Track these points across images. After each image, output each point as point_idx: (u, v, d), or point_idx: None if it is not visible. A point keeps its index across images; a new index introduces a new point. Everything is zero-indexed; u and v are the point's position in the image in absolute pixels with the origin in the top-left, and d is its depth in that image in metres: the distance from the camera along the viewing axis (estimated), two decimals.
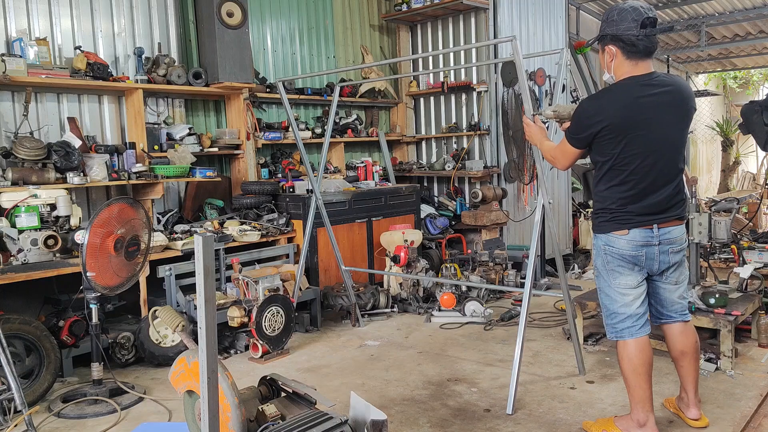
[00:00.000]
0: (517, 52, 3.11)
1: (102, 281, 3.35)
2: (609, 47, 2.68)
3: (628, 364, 2.79)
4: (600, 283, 2.89)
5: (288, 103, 4.48)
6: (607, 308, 2.87)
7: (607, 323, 2.88)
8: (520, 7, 6.50)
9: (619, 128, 2.62)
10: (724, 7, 9.27)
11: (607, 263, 2.80)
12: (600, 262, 2.84)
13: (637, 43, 2.59)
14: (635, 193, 2.68)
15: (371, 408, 2.46)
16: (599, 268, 2.86)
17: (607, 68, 2.73)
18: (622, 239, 2.73)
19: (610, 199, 2.74)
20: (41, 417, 3.30)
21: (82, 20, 4.65)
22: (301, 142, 4.62)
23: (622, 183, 2.69)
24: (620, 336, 2.82)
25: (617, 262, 2.77)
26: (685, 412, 3.01)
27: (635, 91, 2.62)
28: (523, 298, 3.46)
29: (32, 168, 4.03)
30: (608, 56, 2.69)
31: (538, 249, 3.50)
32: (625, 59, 2.65)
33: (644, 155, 2.64)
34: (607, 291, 2.85)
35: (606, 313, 2.88)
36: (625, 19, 2.59)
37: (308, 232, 4.60)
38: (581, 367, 3.68)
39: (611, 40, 2.65)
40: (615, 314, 2.83)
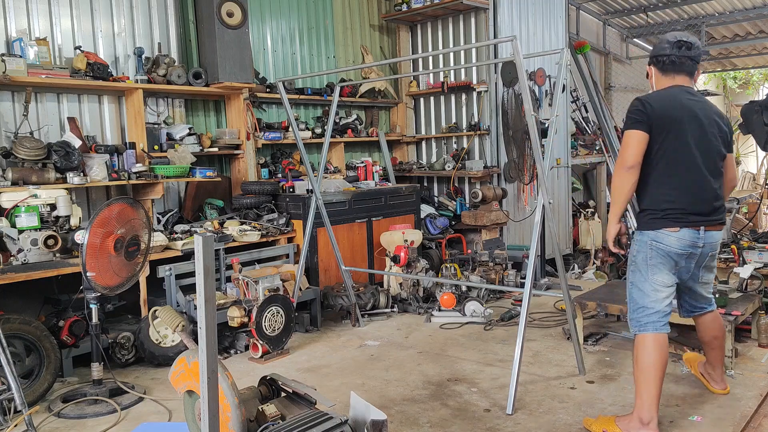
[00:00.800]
0: (518, 52, 3.11)
1: (102, 281, 3.35)
2: (648, 67, 3.08)
3: (646, 358, 2.85)
4: (635, 277, 2.98)
5: (288, 103, 4.48)
6: (636, 302, 2.96)
7: (632, 317, 2.98)
8: (520, 7, 6.50)
9: (665, 119, 2.83)
10: (724, 7, 9.27)
11: (649, 258, 2.90)
12: (641, 257, 2.93)
13: (671, 60, 2.94)
14: (680, 190, 2.85)
15: (371, 408, 2.46)
16: (638, 262, 2.95)
17: (651, 88, 3.08)
18: (672, 236, 2.86)
19: (662, 197, 2.87)
20: (41, 417, 3.30)
21: (82, 20, 4.65)
22: (301, 142, 4.62)
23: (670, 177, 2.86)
24: (644, 329, 2.91)
25: (660, 258, 2.89)
26: (714, 385, 3.35)
27: (676, 93, 2.91)
28: (523, 298, 3.46)
29: (32, 168, 4.03)
30: (649, 75, 3.07)
31: (538, 249, 3.50)
32: (662, 75, 2.99)
33: (688, 150, 2.85)
34: (641, 285, 2.95)
35: (633, 307, 2.98)
36: (662, 42, 2.98)
37: (308, 232, 4.60)
38: (581, 367, 3.68)
39: (650, 62, 3.06)
40: (644, 308, 2.92)
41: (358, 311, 4.84)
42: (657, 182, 2.88)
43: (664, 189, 2.86)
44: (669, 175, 2.85)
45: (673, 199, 2.85)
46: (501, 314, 4.95)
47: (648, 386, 2.82)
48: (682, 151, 2.84)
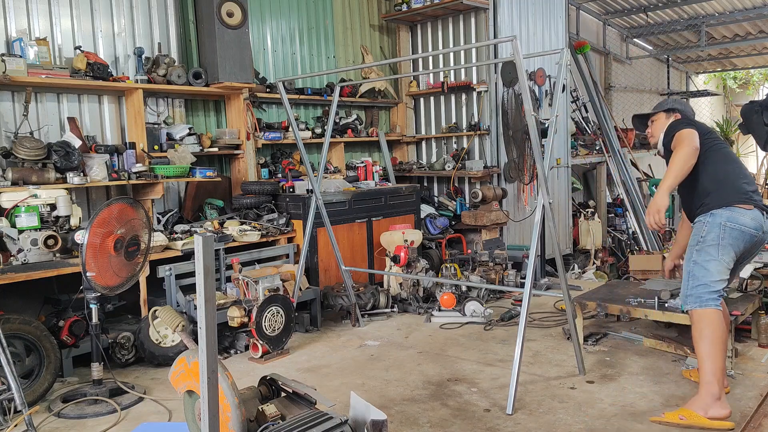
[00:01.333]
0: (518, 52, 3.09)
1: (102, 281, 3.35)
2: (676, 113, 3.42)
3: (714, 333, 2.92)
4: (699, 256, 3.04)
5: (288, 103, 4.47)
6: (698, 279, 3.03)
7: (691, 293, 3.04)
8: (520, 7, 6.50)
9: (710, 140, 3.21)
10: (724, 7, 9.28)
11: (722, 238, 2.99)
12: (713, 235, 3.01)
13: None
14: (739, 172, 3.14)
15: (371, 408, 2.46)
16: (708, 240, 3.02)
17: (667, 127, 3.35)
18: (747, 214, 3.00)
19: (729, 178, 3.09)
20: (41, 417, 3.30)
21: (82, 20, 4.65)
22: (301, 142, 4.61)
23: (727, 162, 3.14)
24: (705, 304, 2.97)
25: (733, 238, 2.99)
26: None
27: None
28: (523, 298, 3.45)
29: (32, 168, 4.03)
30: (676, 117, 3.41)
31: (538, 249, 3.50)
32: None
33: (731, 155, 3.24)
34: (706, 265, 3.01)
35: (694, 284, 3.03)
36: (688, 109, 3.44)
37: (308, 232, 4.59)
38: (581, 367, 3.68)
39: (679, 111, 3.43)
40: (706, 285, 3.00)
41: (358, 311, 4.84)
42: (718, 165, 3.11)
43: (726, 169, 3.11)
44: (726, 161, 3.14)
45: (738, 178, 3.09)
46: (501, 314, 4.95)
47: (717, 359, 2.90)
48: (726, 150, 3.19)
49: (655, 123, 3.45)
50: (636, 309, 4.05)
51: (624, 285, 4.83)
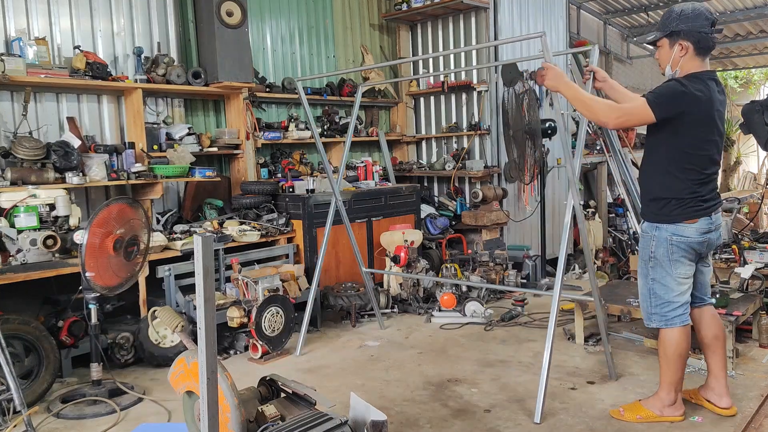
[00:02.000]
0: (547, 48, 2.95)
1: (101, 281, 3.34)
2: (682, 42, 2.80)
3: (676, 349, 2.95)
4: (656, 273, 2.95)
5: (307, 103, 4.30)
6: (660, 298, 2.96)
7: (655, 312, 2.99)
8: (521, 6, 6.49)
9: (702, 116, 2.78)
10: (724, 7, 9.26)
11: (671, 253, 2.89)
12: (662, 251, 2.91)
13: (709, 40, 2.79)
14: (702, 181, 2.86)
15: (371, 408, 2.45)
16: (659, 258, 2.92)
17: (673, 63, 2.85)
18: (691, 227, 2.86)
19: (682, 187, 2.85)
20: (40, 417, 3.30)
21: (81, 20, 4.64)
22: (320, 141, 4.44)
23: (693, 170, 2.84)
24: (671, 323, 2.95)
25: (682, 252, 2.89)
26: (717, 402, 3.10)
27: (712, 86, 2.80)
28: (552, 298, 3.26)
29: (31, 168, 4.02)
30: (679, 51, 2.82)
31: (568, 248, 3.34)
32: (695, 55, 2.81)
33: (714, 145, 2.86)
34: (664, 281, 2.93)
35: (656, 303, 2.97)
36: (700, 17, 2.77)
37: (326, 233, 4.46)
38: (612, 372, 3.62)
39: (684, 35, 2.79)
40: (669, 303, 2.94)
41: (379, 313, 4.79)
42: (679, 172, 2.84)
43: (687, 179, 2.84)
44: (688, 167, 2.83)
45: (695, 189, 2.84)
46: (501, 315, 4.95)
47: (676, 372, 2.97)
48: (711, 145, 2.85)
49: (660, 50, 2.93)
50: (637, 309, 4.04)
51: (624, 285, 4.82)
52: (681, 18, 2.79)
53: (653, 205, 2.95)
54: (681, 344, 2.95)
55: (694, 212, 2.85)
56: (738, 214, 6.86)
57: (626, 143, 8.07)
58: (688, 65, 2.82)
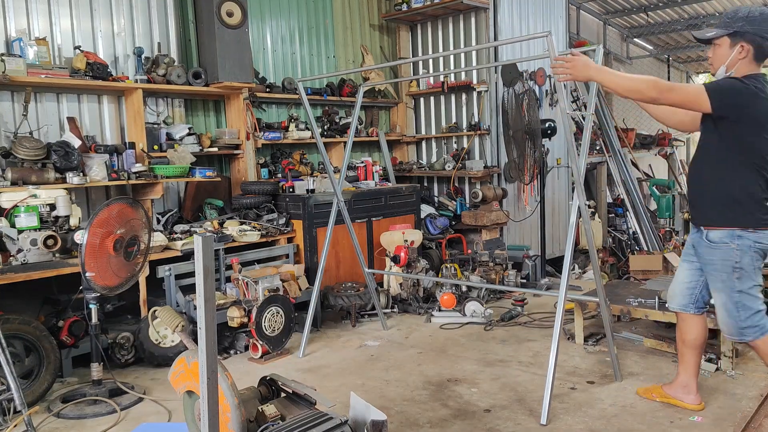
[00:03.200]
0: (552, 48, 2.92)
1: (101, 281, 3.34)
2: (744, 44, 2.69)
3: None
4: (743, 284, 2.79)
5: (308, 104, 4.29)
6: (750, 309, 2.82)
7: (748, 325, 2.82)
8: (521, 6, 6.49)
9: (761, 120, 2.65)
10: (724, 7, 9.27)
11: (756, 260, 2.76)
12: (748, 260, 2.76)
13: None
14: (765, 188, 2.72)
15: (371, 408, 2.46)
16: (746, 267, 2.77)
17: (729, 64, 2.73)
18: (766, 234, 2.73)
19: (758, 189, 2.71)
20: (41, 417, 3.30)
21: (81, 20, 4.64)
22: (320, 141, 4.43)
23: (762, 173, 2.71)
24: (765, 332, 2.81)
25: (762, 259, 2.77)
26: (686, 398, 3.16)
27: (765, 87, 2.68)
28: (559, 296, 3.25)
29: (32, 168, 4.02)
30: (739, 52, 2.70)
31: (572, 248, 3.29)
32: (753, 60, 2.71)
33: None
34: (752, 291, 2.81)
35: (747, 315, 2.82)
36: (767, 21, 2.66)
37: (329, 233, 4.45)
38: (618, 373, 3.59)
39: (749, 38, 2.68)
40: (759, 312, 2.81)
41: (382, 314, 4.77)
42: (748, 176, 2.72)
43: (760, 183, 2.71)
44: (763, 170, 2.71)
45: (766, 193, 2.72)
46: (501, 314, 4.95)
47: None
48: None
49: (717, 49, 2.78)
50: (636, 309, 4.05)
51: (624, 285, 4.83)
52: (748, 19, 2.68)
53: (732, 207, 2.76)
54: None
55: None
56: None
57: (626, 143, 8.07)
58: (743, 69, 2.71)
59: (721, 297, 2.87)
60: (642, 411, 3.17)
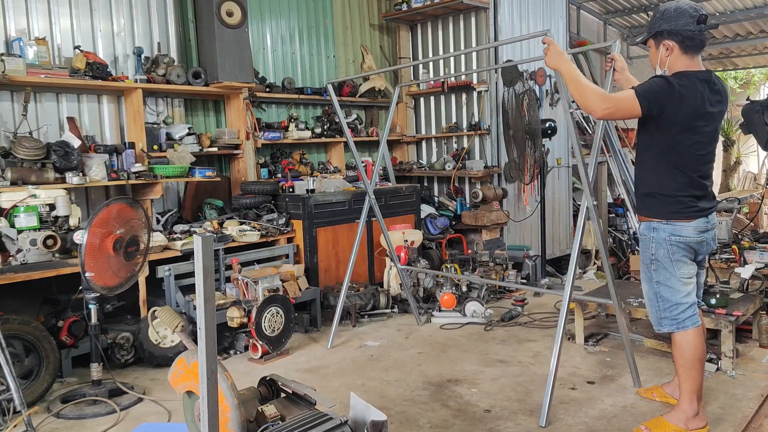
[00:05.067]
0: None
1: (101, 281, 3.34)
2: (666, 42, 2.80)
3: (694, 353, 2.86)
4: (659, 275, 2.90)
5: (338, 105, 4.48)
6: (668, 300, 2.90)
7: (665, 316, 2.92)
8: (521, 6, 6.49)
9: (689, 114, 2.72)
10: (724, 7, 9.27)
11: (672, 253, 2.85)
12: (663, 252, 2.86)
13: (695, 38, 2.75)
14: (693, 181, 2.81)
15: (371, 408, 2.45)
16: (661, 259, 2.87)
17: (661, 63, 2.84)
18: (689, 226, 2.82)
19: (674, 185, 2.81)
20: (40, 417, 3.30)
21: (81, 20, 4.64)
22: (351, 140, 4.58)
23: (682, 169, 2.79)
24: (683, 326, 2.88)
25: (682, 251, 2.85)
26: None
27: (700, 86, 2.73)
28: (563, 298, 3.21)
29: (31, 168, 4.02)
30: (665, 51, 2.81)
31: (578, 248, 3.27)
32: (682, 54, 2.78)
33: (704, 146, 2.80)
34: (669, 283, 2.88)
35: (665, 306, 2.91)
36: (683, 15, 2.74)
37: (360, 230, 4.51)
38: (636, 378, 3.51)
39: (668, 35, 2.78)
40: (678, 305, 2.88)
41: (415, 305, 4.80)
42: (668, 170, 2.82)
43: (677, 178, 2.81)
44: (686, 167, 2.80)
45: (687, 188, 2.81)
46: (501, 315, 4.95)
47: (697, 377, 2.87)
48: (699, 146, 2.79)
49: (650, 51, 2.94)
50: (637, 309, 4.05)
51: (625, 285, 4.83)
52: (664, 18, 2.79)
53: (648, 200, 2.91)
54: (698, 347, 2.86)
55: (688, 213, 2.82)
56: (738, 214, 6.85)
57: (626, 143, 8.07)
58: (676, 64, 2.80)
59: (644, 286, 3.01)
60: (642, 411, 3.17)
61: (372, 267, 5.59)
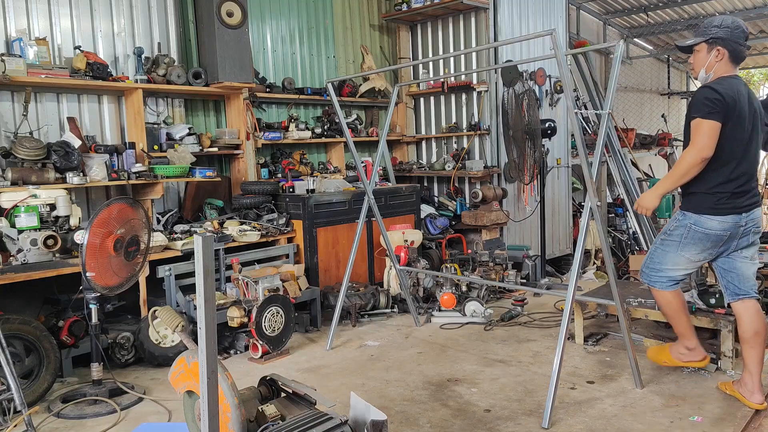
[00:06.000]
0: (557, 46, 2.94)
1: (101, 281, 3.34)
2: (720, 48, 3.07)
3: (671, 306, 3.29)
4: (663, 245, 3.26)
5: (338, 105, 4.47)
6: (654, 262, 3.30)
7: (645, 270, 3.35)
8: (521, 6, 6.50)
9: (733, 114, 2.98)
10: (724, 7, 9.27)
11: (684, 237, 3.17)
12: (678, 233, 3.19)
13: (742, 52, 3.10)
14: (732, 179, 3.05)
15: (371, 408, 2.46)
16: (673, 235, 3.21)
17: (707, 67, 3.11)
18: (716, 219, 3.07)
19: (713, 181, 3.06)
20: (41, 417, 3.30)
21: (81, 20, 4.64)
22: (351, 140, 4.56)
23: (722, 166, 3.03)
24: (651, 283, 3.31)
25: (696, 239, 3.14)
26: (749, 397, 3.17)
27: (741, 88, 3.05)
28: (566, 299, 3.23)
29: (32, 168, 4.03)
30: (716, 56, 3.08)
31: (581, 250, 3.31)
32: (729, 62, 3.08)
33: (744, 143, 3.05)
34: (664, 253, 3.25)
35: (650, 264, 3.31)
36: (738, 29, 3.06)
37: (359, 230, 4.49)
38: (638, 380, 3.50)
39: (723, 43, 3.06)
40: (657, 270, 3.28)
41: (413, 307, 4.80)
42: (712, 169, 3.02)
43: (717, 175, 3.04)
44: (725, 164, 3.03)
45: (725, 187, 3.04)
46: (501, 314, 4.95)
47: (681, 322, 3.30)
48: (740, 142, 3.03)
49: (697, 55, 3.15)
50: (636, 309, 4.05)
51: (624, 285, 4.83)
52: (722, 27, 3.04)
53: (688, 197, 3.16)
54: (673, 301, 3.27)
55: (726, 209, 3.05)
56: None
57: (626, 143, 8.08)
58: (720, 70, 3.07)
59: (654, 243, 3.39)
60: (642, 411, 3.17)
61: (372, 267, 5.59)
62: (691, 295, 3.88)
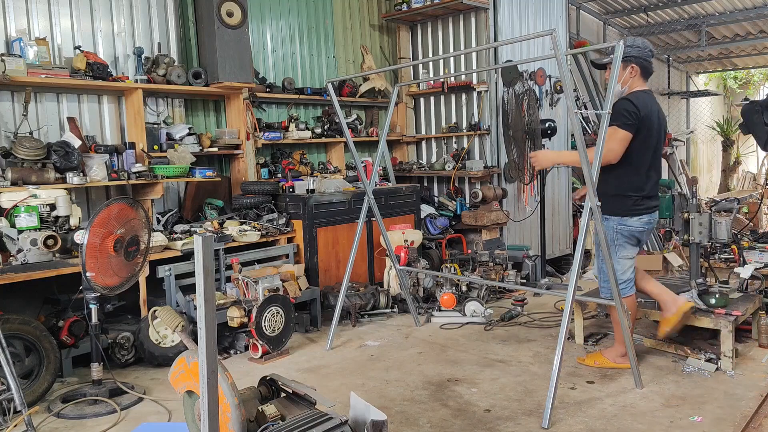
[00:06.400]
0: (558, 46, 2.94)
1: (101, 281, 3.35)
2: (634, 66, 3.49)
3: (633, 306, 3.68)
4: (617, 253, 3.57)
5: (338, 104, 4.48)
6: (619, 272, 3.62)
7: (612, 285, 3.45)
8: (521, 6, 6.50)
9: (645, 125, 3.41)
10: (724, 7, 9.27)
11: (616, 239, 3.54)
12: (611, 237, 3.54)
13: (650, 68, 3.56)
14: (644, 183, 3.49)
15: (371, 408, 2.46)
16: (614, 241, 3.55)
17: (624, 81, 3.52)
18: (635, 219, 3.50)
19: (629, 185, 3.47)
20: (41, 417, 3.30)
21: (81, 20, 4.64)
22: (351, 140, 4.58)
23: (636, 172, 3.46)
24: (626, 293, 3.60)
25: (625, 237, 3.53)
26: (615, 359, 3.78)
27: (653, 105, 3.50)
28: (566, 299, 3.23)
29: (32, 168, 4.03)
30: (630, 72, 3.50)
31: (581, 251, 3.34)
32: (641, 77, 3.53)
33: (652, 150, 3.49)
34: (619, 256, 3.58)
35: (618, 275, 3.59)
36: (647, 48, 3.51)
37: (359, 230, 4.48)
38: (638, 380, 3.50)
39: (635, 60, 3.49)
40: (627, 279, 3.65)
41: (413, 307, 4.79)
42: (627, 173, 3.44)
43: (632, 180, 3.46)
44: (638, 168, 3.46)
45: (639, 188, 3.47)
46: (501, 314, 4.95)
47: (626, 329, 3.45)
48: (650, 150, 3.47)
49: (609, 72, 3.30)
50: (636, 309, 4.04)
51: None
52: (633, 47, 3.46)
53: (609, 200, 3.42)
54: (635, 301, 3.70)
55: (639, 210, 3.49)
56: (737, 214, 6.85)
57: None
58: (634, 84, 3.51)
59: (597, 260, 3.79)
60: (642, 411, 3.17)
61: (372, 267, 5.59)
62: (691, 296, 3.88)
